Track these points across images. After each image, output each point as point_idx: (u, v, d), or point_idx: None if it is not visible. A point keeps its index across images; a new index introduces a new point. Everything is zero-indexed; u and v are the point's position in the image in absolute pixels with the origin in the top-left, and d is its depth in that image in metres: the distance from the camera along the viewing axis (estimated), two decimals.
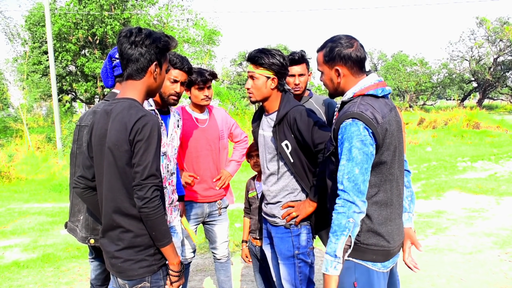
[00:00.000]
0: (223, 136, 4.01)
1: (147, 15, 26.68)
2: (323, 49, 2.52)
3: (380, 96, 2.41)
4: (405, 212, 2.68)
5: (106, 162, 2.31)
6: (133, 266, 2.33)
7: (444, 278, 5.00)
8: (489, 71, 40.69)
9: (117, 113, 2.28)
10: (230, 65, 50.88)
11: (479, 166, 12.65)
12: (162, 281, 2.41)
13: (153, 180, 2.22)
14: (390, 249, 2.41)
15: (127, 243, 2.33)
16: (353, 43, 2.47)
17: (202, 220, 3.99)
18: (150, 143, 2.22)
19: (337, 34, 2.54)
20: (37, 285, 5.21)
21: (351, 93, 2.43)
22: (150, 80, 2.39)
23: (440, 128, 22.28)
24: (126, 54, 2.34)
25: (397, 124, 2.44)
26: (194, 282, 5.17)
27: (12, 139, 17.63)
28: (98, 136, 2.36)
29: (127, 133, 2.22)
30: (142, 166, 2.20)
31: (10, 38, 27.65)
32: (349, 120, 2.29)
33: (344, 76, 2.47)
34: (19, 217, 8.66)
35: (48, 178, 12.83)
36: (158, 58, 2.38)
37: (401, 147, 2.47)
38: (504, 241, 6.16)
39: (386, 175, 2.36)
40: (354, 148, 2.24)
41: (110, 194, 2.33)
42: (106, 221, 2.40)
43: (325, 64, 2.51)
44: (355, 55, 2.45)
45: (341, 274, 2.44)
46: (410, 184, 2.75)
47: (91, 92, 26.65)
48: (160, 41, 2.36)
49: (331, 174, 2.50)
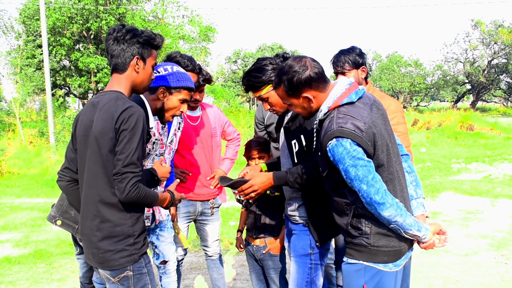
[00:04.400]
0: (216, 134, 3.97)
1: (142, 10, 26.57)
2: (281, 85, 2.43)
3: (356, 100, 2.36)
4: (413, 200, 2.58)
5: (90, 150, 2.35)
6: (114, 256, 2.37)
7: (440, 279, 4.98)
8: (483, 74, 40.93)
9: (104, 104, 2.35)
10: (225, 62, 50.87)
11: (473, 167, 12.68)
12: (145, 268, 2.47)
13: (133, 169, 2.27)
14: (402, 247, 2.37)
15: (106, 233, 2.36)
16: (305, 63, 2.39)
17: (194, 218, 3.95)
18: (135, 133, 2.29)
19: (284, 63, 2.46)
20: (29, 281, 5.14)
21: (325, 108, 2.36)
22: (133, 74, 2.48)
23: (434, 129, 22.34)
24: (110, 49, 2.46)
25: (382, 118, 2.40)
26: (188, 280, 5.12)
27: (5, 133, 17.54)
28: (84, 127, 2.42)
29: (113, 121, 2.28)
30: (125, 154, 2.26)
31: (4, 31, 27.56)
32: (333, 141, 2.23)
33: (315, 97, 2.40)
34: (11, 212, 8.57)
35: (40, 173, 12.74)
36: (140, 53, 2.47)
37: (392, 139, 2.42)
38: (499, 243, 6.15)
39: (386, 175, 2.33)
40: (350, 168, 2.21)
41: (93, 181, 2.36)
42: (86, 210, 2.42)
43: (290, 97, 2.45)
44: (314, 74, 2.38)
45: (350, 277, 2.42)
46: (412, 168, 2.66)
47: (84, 87, 26.55)
48: (141, 36, 2.46)
49: (331, 188, 2.46)
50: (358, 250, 2.40)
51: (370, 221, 2.33)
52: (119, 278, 2.40)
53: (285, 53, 3.19)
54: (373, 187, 2.20)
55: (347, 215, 2.38)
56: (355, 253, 2.41)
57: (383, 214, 2.22)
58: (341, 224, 2.45)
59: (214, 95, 25.97)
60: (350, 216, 2.36)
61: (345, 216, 2.40)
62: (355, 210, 2.35)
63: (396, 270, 2.39)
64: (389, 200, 2.22)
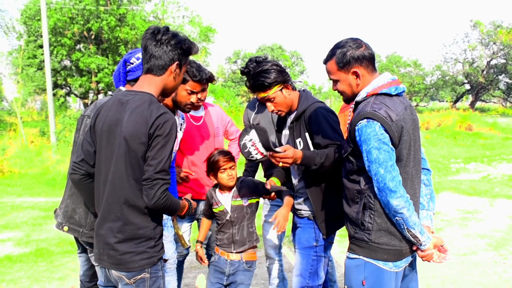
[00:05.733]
0: (218, 134, 3.99)
1: (143, 11, 26.58)
2: (333, 57, 2.50)
3: (394, 94, 2.41)
4: (423, 210, 2.64)
5: (118, 151, 2.33)
6: (133, 258, 2.36)
7: (438, 279, 5.01)
8: (482, 74, 40.91)
9: (136, 105, 2.32)
10: (225, 62, 50.82)
11: (472, 167, 12.71)
12: (160, 271, 2.48)
13: (164, 176, 2.28)
14: (403, 248, 2.41)
15: (128, 235, 2.35)
16: (361, 43, 2.48)
17: (197, 217, 3.97)
18: (168, 140, 2.29)
19: (340, 40, 2.54)
20: (30, 280, 5.18)
21: (364, 93, 2.43)
22: (169, 79, 2.46)
23: (433, 129, 22.33)
24: (151, 49, 2.40)
25: (413, 122, 2.44)
26: (189, 279, 5.16)
27: (6, 133, 17.53)
28: (108, 123, 2.39)
29: (147, 126, 2.26)
30: (157, 160, 2.26)
31: (5, 32, 27.52)
32: (363, 121, 2.30)
33: (363, 76, 2.46)
34: (12, 211, 8.60)
35: (41, 172, 12.74)
36: (180, 59, 2.45)
37: (417, 146, 2.47)
38: (498, 243, 6.19)
39: (401, 173, 2.35)
40: (374, 150, 2.26)
41: (120, 183, 2.34)
42: (107, 211, 2.39)
43: (340, 70, 2.49)
44: (368, 53, 2.46)
45: (350, 272, 2.47)
46: (431, 183, 2.72)
47: (85, 87, 26.54)
48: (185, 44, 2.45)
49: (347, 174, 2.50)
50: (359, 245, 2.45)
51: (375, 216, 2.36)
52: (135, 279, 2.39)
53: (257, 57, 3.28)
54: (390, 174, 2.25)
55: (357, 203, 2.43)
56: (356, 248, 2.46)
57: (391, 202, 2.26)
58: (349, 213, 2.49)
59: (214, 95, 26.01)
60: (361, 205, 2.40)
61: (355, 205, 2.45)
62: (365, 199, 2.39)
63: (396, 271, 2.42)
64: (401, 191, 2.27)
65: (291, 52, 51.17)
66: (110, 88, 24.96)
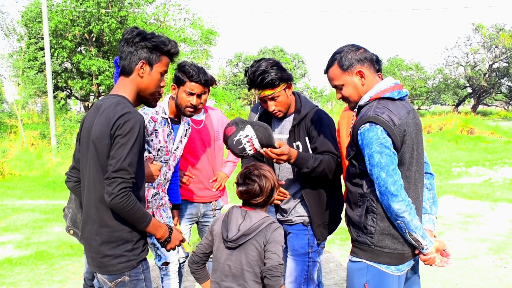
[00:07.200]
0: (218, 137, 3.99)
1: (144, 13, 26.61)
2: (335, 62, 2.51)
3: (397, 98, 2.42)
4: (426, 213, 2.65)
5: (89, 154, 2.34)
6: (112, 261, 2.36)
7: (439, 283, 5.00)
8: (484, 77, 40.91)
9: (104, 108, 2.33)
10: (226, 65, 50.92)
11: (473, 171, 12.69)
12: (142, 275, 2.45)
13: (123, 175, 2.22)
14: (405, 252, 2.41)
15: (105, 238, 2.35)
16: (359, 46, 2.51)
17: (197, 220, 3.97)
18: (129, 139, 2.24)
19: (339, 47, 2.56)
20: (30, 283, 5.17)
21: (367, 97, 2.44)
22: (137, 79, 2.43)
23: (434, 133, 22.33)
24: (120, 51, 2.43)
25: (416, 126, 2.45)
26: (189, 282, 5.14)
27: (6, 135, 17.52)
28: (87, 129, 2.40)
29: (109, 127, 2.25)
30: (115, 160, 2.22)
31: (6, 34, 27.62)
32: (366, 125, 2.30)
33: (367, 77, 2.47)
34: (12, 214, 8.59)
35: (42, 175, 12.75)
36: (147, 57, 2.41)
37: (420, 150, 2.47)
38: (499, 247, 6.17)
39: (403, 177, 2.35)
40: (376, 154, 2.27)
41: (93, 186, 2.35)
42: (86, 214, 2.41)
43: (344, 73, 2.49)
44: (368, 55, 2.48)
45: (352, 275, 2.47)
46: (433, 187, 2.73)
47: (86, 90, 26.55)
48: (150, 41, 2.40)
49: (350, 177, 2.51)
50: (361, 248, 2.45)
51: (377, 220, 2.37)
52: (116, 283, 2.39)
53: (262, 59, 3.27)
54: (392, 178, 2.25)
55: (360, 207, 2.43)
56: (359, 252, 2.46)
57: (393, 206, 2.26)
58: (352, 217, 2.49)
59: (215, 98, 25.98)
60: (363, 208, 2.41)
61: (358, 208, 2.45)
62: (368, 203, 2.39)
63: (398, 274, 2.42)
64: (403, 195, 2.27)
65: (292, 55, 51.30)
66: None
